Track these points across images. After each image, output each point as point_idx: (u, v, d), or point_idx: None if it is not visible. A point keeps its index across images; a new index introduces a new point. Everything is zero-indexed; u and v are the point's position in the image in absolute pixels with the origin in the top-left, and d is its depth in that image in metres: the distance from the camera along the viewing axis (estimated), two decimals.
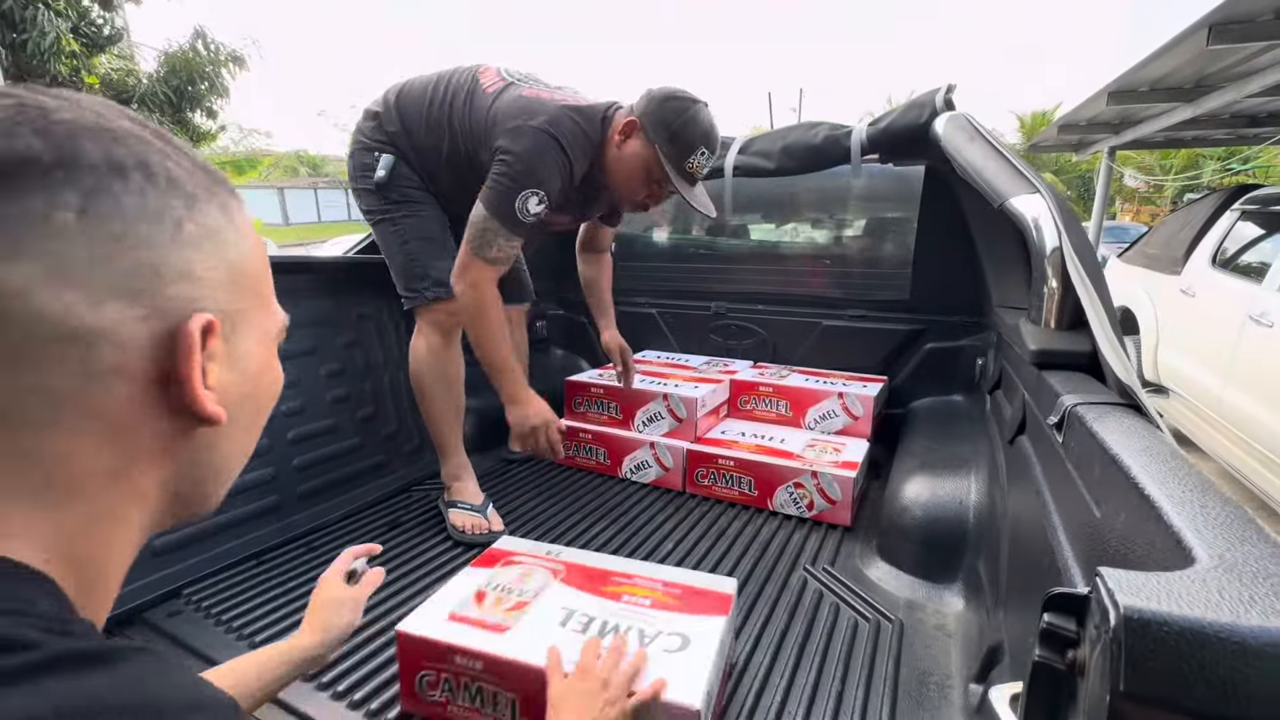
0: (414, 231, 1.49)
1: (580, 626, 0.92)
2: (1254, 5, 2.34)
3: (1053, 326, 1.10)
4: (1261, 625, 0.32)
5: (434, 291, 1.47)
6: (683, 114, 1.31)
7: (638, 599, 0.97)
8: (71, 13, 5.93)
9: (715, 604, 0.96)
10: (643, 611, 0.94)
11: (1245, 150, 5.95)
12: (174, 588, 1.23)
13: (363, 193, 1.50)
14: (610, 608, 0.95)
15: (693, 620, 0.92)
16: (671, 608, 0.95)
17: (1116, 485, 0.57)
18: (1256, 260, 3.24)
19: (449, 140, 1.42)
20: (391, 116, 1.45)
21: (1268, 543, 0.41)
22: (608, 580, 1.02)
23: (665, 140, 1.32)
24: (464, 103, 1.40)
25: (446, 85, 1.43)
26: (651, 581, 1.01)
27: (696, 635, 0.89)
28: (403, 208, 1.48)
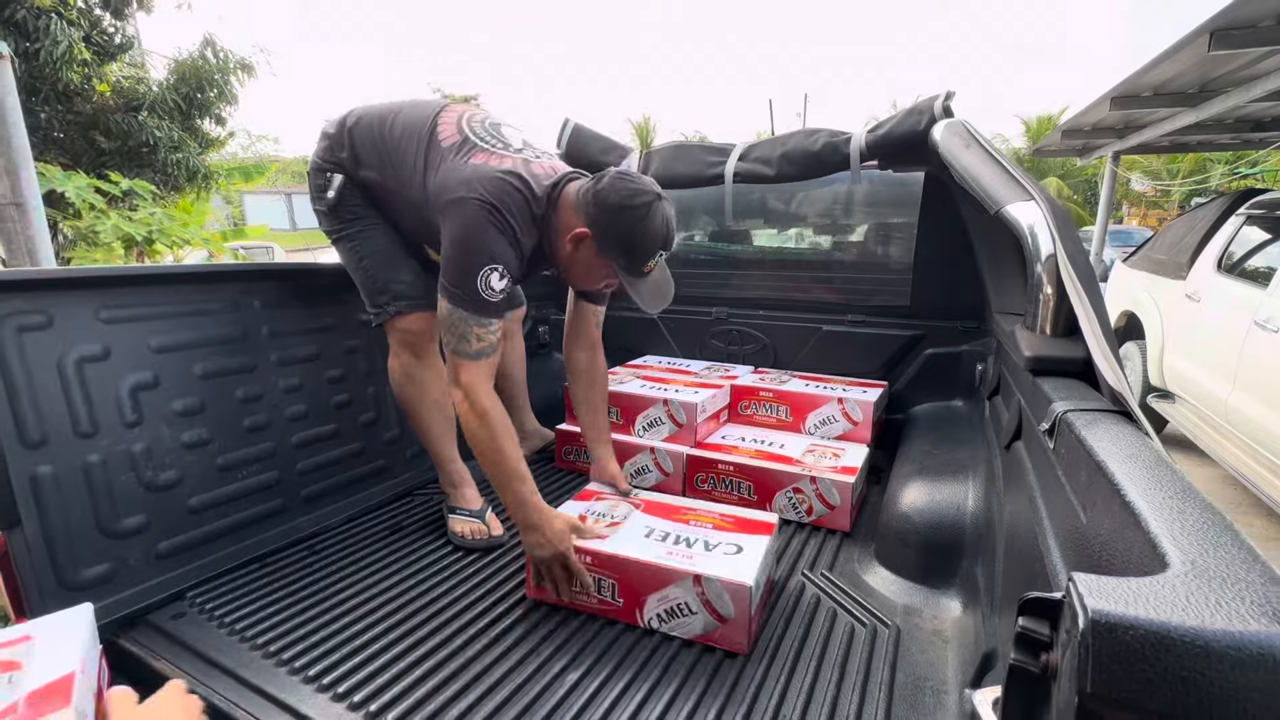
0: (369, 247, 1.46)
1: (660, 539, 1.25)
2: (1255, 11, 2.34)
3: (1048, 333, 1.11)
4: (1225, 629, 0.33)
5: (396, 305, 1.45)
6: (636, 226, 1.20)
7: (702, 523, 1.30)
8: (84, 22, 6.00)
9: (762, 528, 1.28)
10: (707, 530, 1.27)
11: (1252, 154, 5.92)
12: (178, 590, 1.25)
13: (320, 214, 1.50)
14: (682, 527, 1.28)
15: (745, 537, 1.24)
16: (728, 529, 1.28)
17: (1102, 491, 0.58)
18: (1262, 265, 3.22)
19: (397, 182, 1.37)
20: (343, 142, 1.42)
21: (1241, 549, 0.42)
22: (679, 511, 1.36)
23: (620, 253, 1.23)
24: (417, 151, 1.34)
25: (403, 125, 1.37)
26: (711, 512, 1.35)
27: (748, 546, 1.21)
28: (355, 224, 1.46)
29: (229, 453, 1.38)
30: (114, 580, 1.18)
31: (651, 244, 1.23)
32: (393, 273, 1.46)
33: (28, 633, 0.82)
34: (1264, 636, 0.32)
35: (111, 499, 1.19)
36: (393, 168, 1.37)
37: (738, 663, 1.07)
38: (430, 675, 1.04)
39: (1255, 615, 0.34)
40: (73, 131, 6.24)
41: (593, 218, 1.22)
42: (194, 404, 1.33)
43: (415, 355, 1.50)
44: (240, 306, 1.45)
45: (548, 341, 2.48)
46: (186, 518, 1.30)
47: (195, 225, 6.16)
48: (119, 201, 5.73)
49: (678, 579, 1.12)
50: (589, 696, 0.99)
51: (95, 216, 5.23)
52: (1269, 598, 0.36)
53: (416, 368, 1.51)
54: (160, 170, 6.47)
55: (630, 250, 1.23)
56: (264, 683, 1.01)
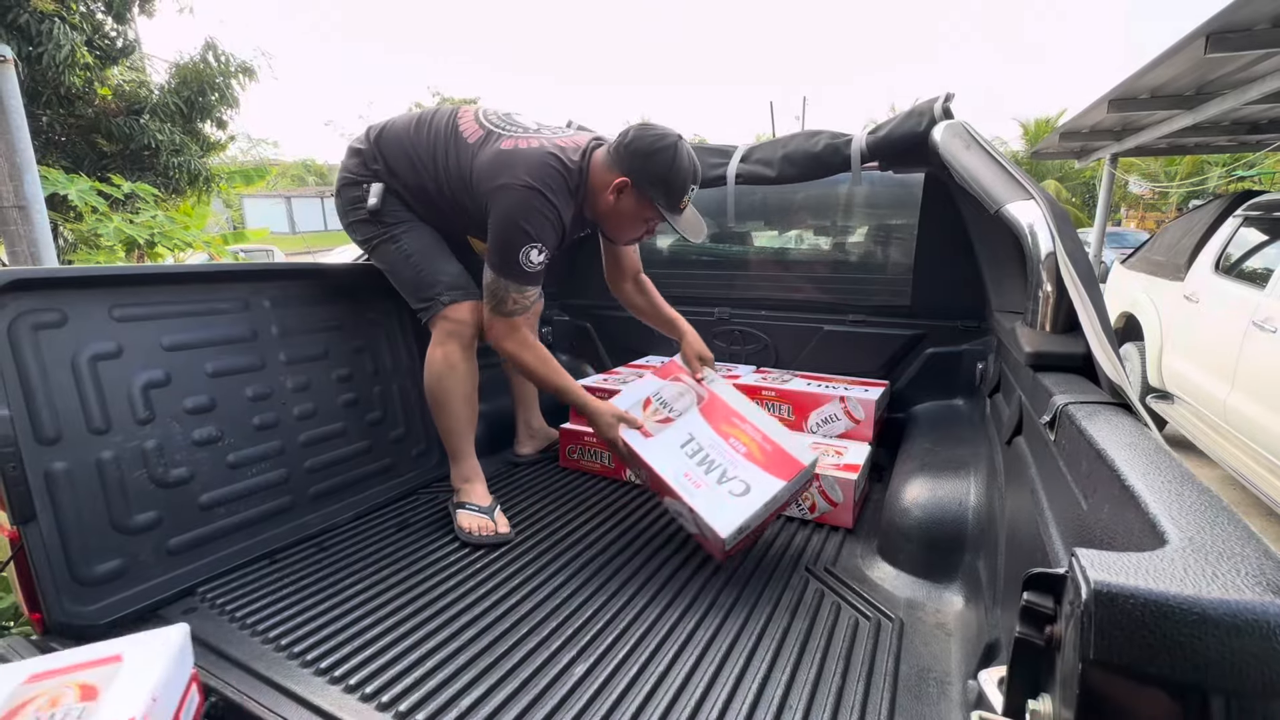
0: (416, 244, 1.54)
1: (692, 453, 1.39)
2: (1251, 14, 2.37)
3: (1048, 329, 1.12)
4: (1221, 598, 0.35)
5: (450, 295, 1.53)
6: (671, 162, 1.36)
7: (739, 443, 1.39)
8: (86, 26, 6.03)
9: (787, 468, 1.34)
10: (736, 457, 1.38)
11: (1249, 156, 5.96)
12: (189, 586, 1.26)
13: (357, 224, 1.57)
14: (719, 444, 1.40)
15: (763, 475, 1.32)
16: (755, 460, 1.36)
17: (1102, 478, 0.60)
18: (1260, 266, 3.25)
19: (434, 182, 1.50)
20: (375, 155, 1.52)
21: (1237, 526, 0.44)
22: (730, 419, 1.44)
23: (661, 192, 1.39)
24: (446, 150, 1.47)
25: (428, 130, 1.50)
26: (755, 432, 1.42)
27: (757, 487, 1.29)
28: (399, 226, 1.54)
29: (239, 450, 1.40)
30: (126, 575, 1.19)
31: (685, 178, 1.40)
32: (442, 265, 1.55)
33: (119, 652, 0.85)
34: (1257, 605, 0.34)
35: (124, 495, 1.20)
36: (428, 170, 1.49)
37: (744, 654, 1.09)
38: (441, 667, 1.05)
39: (1250, 585, 0.36)
40: (74, 135, 6.26)
41: (629, 166, 1.38)
42: (204, 402, 1.34)
43: (461, 346, 1.55)
44: (250, 306, 1.46)
45: (550, 342, 2.49)
46: (197, 514, 1.31)
47: (196, 228, 6.17)
48: (121, 204, 5.75)
49: (679, 499, 1.32)
50: (598, 687, 1.01)
51: (97, 219, 5.24)
52: (1264, 570, 0.37)
53: (460, 359, 1.55)
54: (161, 173, 6.49)
55: (668, 186, 1.39)
56: (276, 675, 1.02)
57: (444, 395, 1.56)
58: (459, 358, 1.54)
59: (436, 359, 1.55)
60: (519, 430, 2.04)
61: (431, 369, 1.56)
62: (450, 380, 1.55)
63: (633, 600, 1.26)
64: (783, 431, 1.45)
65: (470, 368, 1.58)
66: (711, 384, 1.56)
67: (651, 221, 1.48)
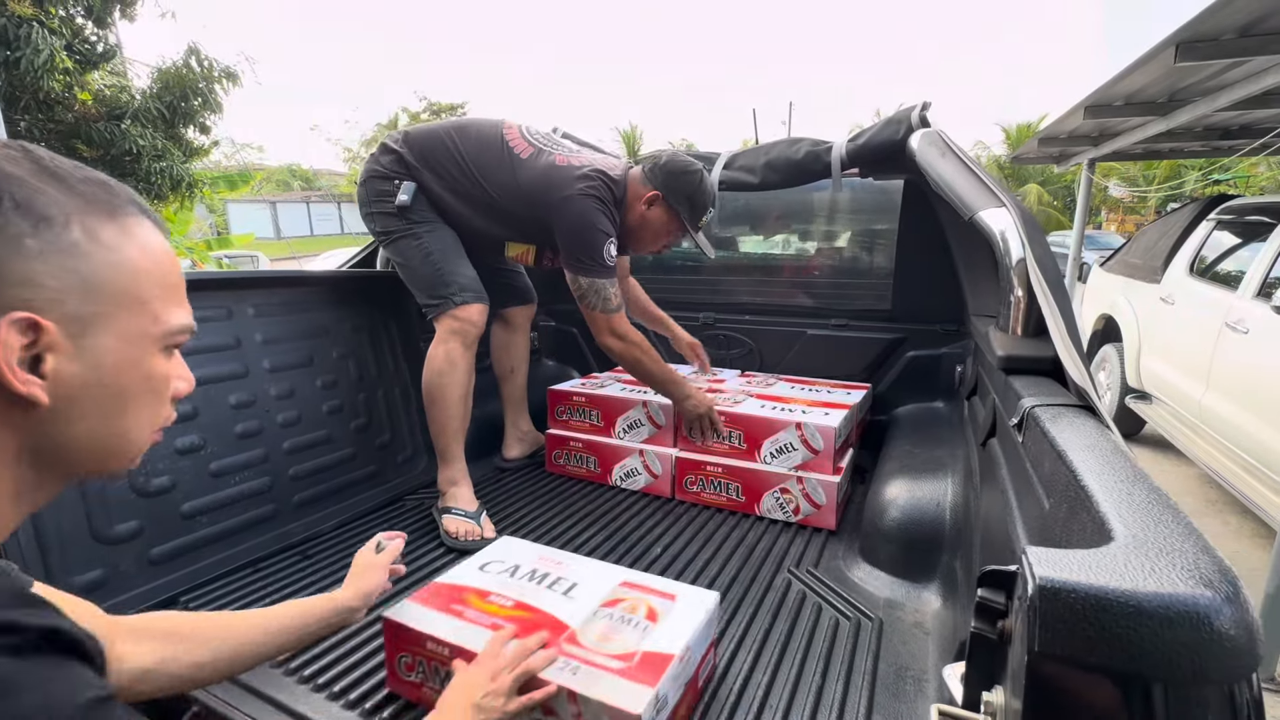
0: (437, 243, 1.61)
1: (772, 408, 1.62)
2: (1218, 24, 2.44)
3: (1019, 334, 1.15)
4: (1155, 591, 0.37)
5: (461, 296, 1.58)
6: (698, 184, 1.61)
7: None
8: (65, 30, 5.97)
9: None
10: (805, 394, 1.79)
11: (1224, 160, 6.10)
12: (171, 595, 1.26)
13: (379, 215, 1.62)
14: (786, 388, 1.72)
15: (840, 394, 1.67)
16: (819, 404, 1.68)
17: (1061, 478, 0.62)
18: (1232, 268, 3.33)
19: (479, 188, 1.59)
20: (414, 157, 1.59)
21: (1180, 524, 0.46)
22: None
23: (686, 208, 1.61)
24: (499, 160, 1.59)
25: (476, 143, 1.60)
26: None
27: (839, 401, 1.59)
28: (425, 224, 1.61)
29: (221, 459, 1.39)
30: (107, 586, 1.18)
31: (707, 199, 1.64)
32: (460, 267, 1.62)
33: (676, 594, 1.01)
34: (1188, 596, 0.36)
35: (104, 505, 1.19)
36: (478, 177, 1.59)
37: (726, 654, 1.10)
38: None
39: (1184, 579, 0.38)
40: (54, 140, 6.19)
41: (662, 182, 1.60)
42: (186, 410, 1.34)
43: (464, 344, 1.59)
44: (233, 313, 1.46)
45: (536, 348, 2.50)
46: (179, 523, 1.31)
47: (179, 234, 6.12)
48: None
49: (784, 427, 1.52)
50: None
51: None
52: (1198, 564, 0.39)
53: (461, 357, 1.58)
54: (143, 179, 6.43)
55: (693, 204, 1.62)
56: (258, 683, 1.02)
57: (441, 392, 1.58)
58: (460, 355, 1.58)
59: (438, 355, 1.57)
60: (508, 433, 2.05)
61: (433, 365, 1.58)
62: (450, 377, 1.57)
63: None
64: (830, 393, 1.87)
65: (469, 367, 1.61)
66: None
67: (673, 235, 1.68)
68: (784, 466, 1.66)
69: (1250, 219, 3.38)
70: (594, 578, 1.05)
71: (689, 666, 0.92)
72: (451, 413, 1.60)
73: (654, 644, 0.88)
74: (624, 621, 0.94)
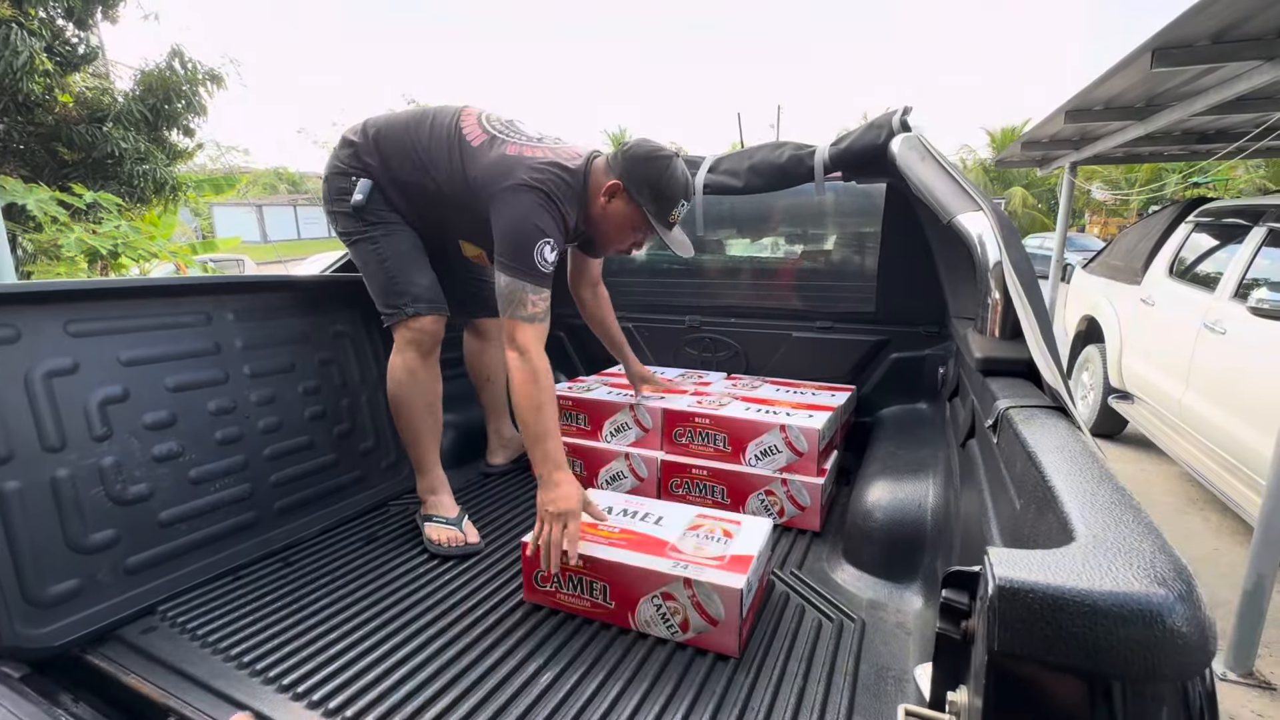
0: (392, 249, 1.53)
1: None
2: (1193, 31, 2.48)
3: (996, 336, 1.17)
4: (1110, 590, 0.37)
5: (414, 307, 1.51)
6: (664, 172, 1.39)
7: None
8: (45, 32, 5.89)
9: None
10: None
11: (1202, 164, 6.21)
12: (149, 605, 1.24)
13: (339, 215, 1.55)
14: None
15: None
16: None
17: (1030, 479, 0.63)
18: (1211, 270, 3.39)
19: (434, 181, 1.48)
20: (370, 149, 1.51)
21: (1140, 523, 0.47)
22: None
23: (650, 199, 1.40)
24: (448, 151, 1.46)
25: (429, 130, 1.49)
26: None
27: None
28: (380, 227, 1.53)
29: (200, 465, 1.38)
30: (82, 595, 1.17)
31: (676, 190, 1.41)
32: (413, 275, 1.53)
33: (741, 520, 1.35)
34: (1141, 595, 0.37)
35: (80, 514, 1.18)
36: (429, 169, 1.47)
37: (709, 660, 1.10)
38: (407, 679, 1.05)
39: (1139, 578, 0.38)
40: (33, 143, 6.10)
41: (624, 169, 1.40)
42: (164, 417, 1.33)
43: (420, 354, 1.54)
44: (213, 319, 1.45)
45: None
46: (157, 531, 1.29)
47: (163, 238, 6.05)
48: (83, 215, 5.61)
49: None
50: (564, 695, 1.01)
51: (58, 230, 5.11)
52: (1154, 564, 0.40)
53: (420, 366, 1.54)
54: (126, 182, 6.34)
55: (659, 195, 1.40)
56: (237, 692, 1.01)
57: (404, 403, 1.56)
58: (418, 365, 1.54)
59: (396, 366, 1.55)
60: (490, 440, 2.04)
61: (392, 376, 1.56)
62: (410, 388, 1.54)
63: None
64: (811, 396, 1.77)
65: (430, 375, 1.57)
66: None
67: (640, 233, 1.48)
68: (769, 469, 1.67)
69: (1227, 221, 3.44)
70: (674, 513, 1.39)
71: (762, 566, 1.25)
72: (418, 423, 1.57)
73: (736, 550, 1.22)
74: (708, 538, 1.27)
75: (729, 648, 1.11)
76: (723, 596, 1.10)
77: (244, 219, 21.09)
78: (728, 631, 1.11)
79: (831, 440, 1.78)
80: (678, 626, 1.15)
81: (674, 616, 1.15)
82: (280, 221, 22.93)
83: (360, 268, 1.58)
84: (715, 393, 1.94)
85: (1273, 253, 2.97)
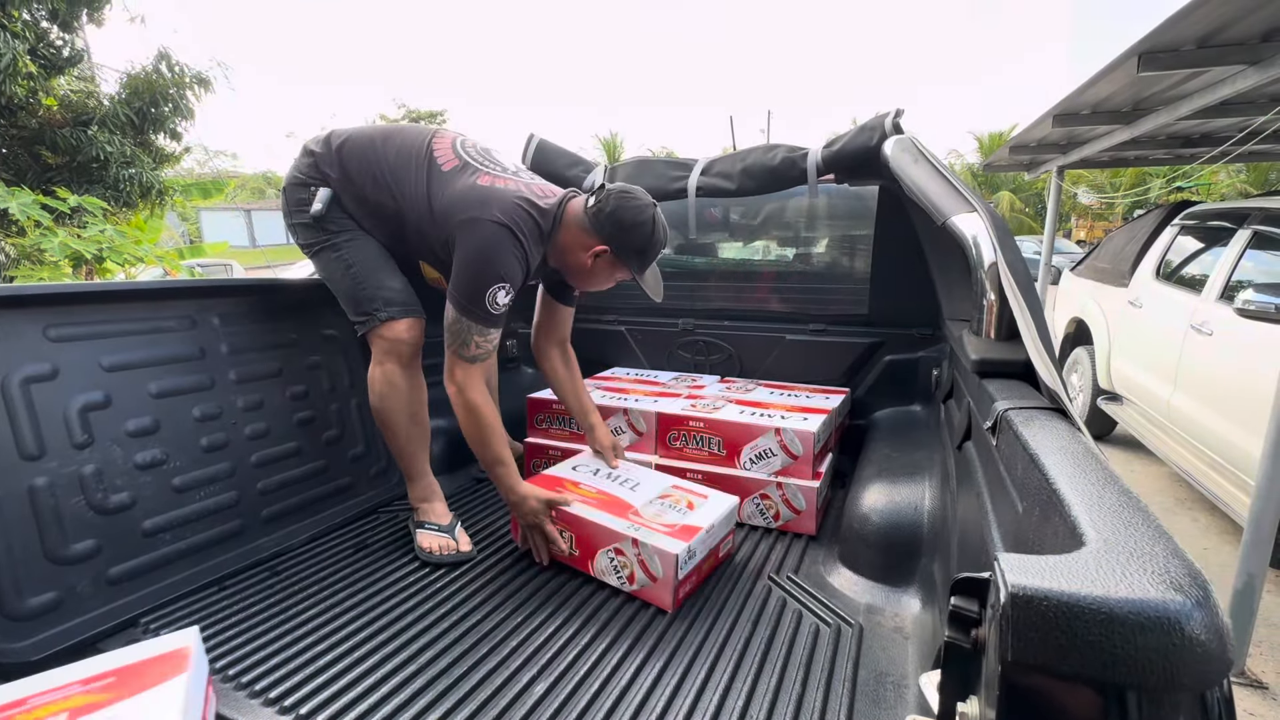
0: (358, 254, 1.47)
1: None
2: (1178, 35, 2.51)
3: (992, 337, 1.16)
4: (1127, 597, 0.36)
5: (387, 312, 1.46)
6: (648, 238, 1.40)
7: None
8: (29, 34, 5.81)
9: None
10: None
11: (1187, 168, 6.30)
12: (132, 616, 1.21)
13: (299, 227, 1.50)
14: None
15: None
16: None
17: (1034, 482, 0.62)
18: (1196, 272, 3.42)
19: (394, 201, 1.43)
20: (332, 160, 1.46)
21: (1150, 527, 0.46)
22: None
23: (636, 259, 1.43)
24: (416, 171, 1.42)
25: (397, 149, 1.44)
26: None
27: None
28: (342, 234, 1.48)
29: (185, 473, 1.35)
30: (62, 608, 1.13)
31: (657, 248, 1.46)
32: (383, 279, 1.48)
33: (708, 495, 1.53)
34: (1159, 603, 0.35)
35: (59, 523, 1.15)
36: (393, 189, 1.43)
37: (706, 666, 1.09)
38: (398, 691, 1.02)
39: (1155, 584, 0.37)
40: (16, 146, 6.01)
41: (610, 235, 1.39)
42: (148, 424, 1.30)
43: (400, 364, 1.48)
44: (198, 323, 1.42)
45: (516, 355, 2.48)
46: (140, 541, 1.26)
47: (149, 242, 5.97)
48: (67, 218, 5.53)
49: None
50: (558, 705, 0.99)
51: (41, 234, 5.03)
52: (1169, 569, 0.39)
53: (400, 377, 1.49)
54: (112, 186, 6.26)
55: (643, 256, 1.44)
56: (223, 707, 0.98)
57: (388, 415, 1.51)
58: (399, 375, 1.48)
59: (376, 378, 1.49)
60: None
61: (373, 388, 1.50)
62: (393, 400, 1.49)
63: (595, 616, 1.25)
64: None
65: (413, 384, 1.52)
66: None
67: (619, 279, 1.51)
68: (763, 472, 1.66)
69: (1212, 224, 3.48)
70: (652, 481, 1.58)
71: (713, 538, 1.40)
72: (404, 434, 1.53)
73: (691, 521, 1.37)
74: (671, 507, 1.44)
75: (664, 603, 1.27)
76: (661, 559, 1.26)
77: (232, 223, 20.89)
78: (664, 588, 1.27)
79: (826, 443, 1.78)
80: (626, 579, 1.33)
81: (623, 570, 1.33)
82: (269, 226, 22.74)
83: (326, 279, 1.53)
84: (709, 396, 1.93)
85: (1257, 255, 3.01)
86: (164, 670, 0.89)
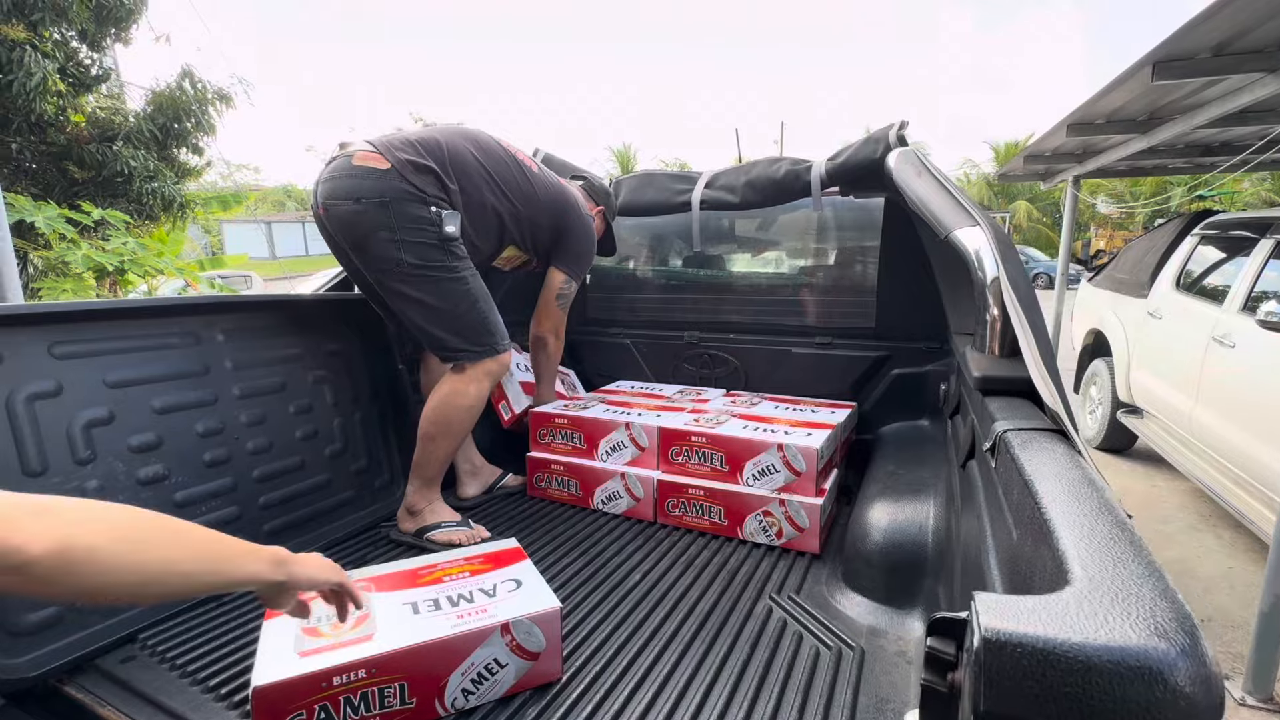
0: (480, 289, 1.59)
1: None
2: (1193, 44, 2.46)
3: (995, 354, 1.14)
4: (1105, 643, 0.34)
5: (505, 343, 1.63)
6: (616, 200, 2.08)
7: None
8: (59, 54, 6.00)
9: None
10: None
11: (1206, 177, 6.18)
12: (129, 633, 1.21)
13: (413, 245, 1.45)
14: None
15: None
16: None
17: (1027, 508, 0.60)
18: (1218, 283, 3.34)
19: (504, 201, 1.64)
20: (451, 174, 1.52)
21: (1141, 563, 0.43)
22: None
23: (611, 214, 2.04)
24: (517, 176, 1.68)
25: (483, 152, 1.62)
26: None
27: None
28: (465, 264, 1.54)
29: (187, 488, 1.36)
30: (61, 624, 1.14)
31: (614, 210, 2.08)
32: (497, 313, 1.64)
33: None
34: (1140, 650, 0.33)
35: None
36: (502, 187, 1.64)
37: (701, 688, 1.06)
38: None
39: (1138, 629, 0.35)
40: (45, 162, 6.19)
41: (602, 200, 1.99)
42: (150, 439, 1.31)
43: (491, 386, 1.64)
44: (202, 339, 1.43)
45: None
46: None
47: (171, 255, 6.09)
48: (91, 231, 5.67)
49: (765, 449, 1.55)
50: None
51: (66, 247, 5.16)
52: (1155, 611, 0.37)
53: (486, 397, 1.63)
54: (135, 200, 6.42)
55: (613, 211, 2.05)
56: (163, 697, 0.98)
57: (463, 427, 1.61)
58: (488, 394, 1.63)
59: (470, 394, 1.57)
60: (460, 472, 1.94)
61: (462, 402, 1.57)
62: (472, 413, 1.60)
63: (590, 636, 1.23)
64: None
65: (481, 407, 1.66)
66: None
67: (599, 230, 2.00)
68: (766, 489, 1.63)
69: (1233, 234, 3.40)
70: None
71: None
72: (454, 445, 1.64)
73: None
74: None
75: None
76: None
77: (253, 235, 21.32)
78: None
79: (831, 459, 1.75)
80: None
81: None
82: (288, 238, 23.18)
83: (441, 301, 1.50)
84: (713, 410, 1.91)
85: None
86: (515, 556, 1.23)
